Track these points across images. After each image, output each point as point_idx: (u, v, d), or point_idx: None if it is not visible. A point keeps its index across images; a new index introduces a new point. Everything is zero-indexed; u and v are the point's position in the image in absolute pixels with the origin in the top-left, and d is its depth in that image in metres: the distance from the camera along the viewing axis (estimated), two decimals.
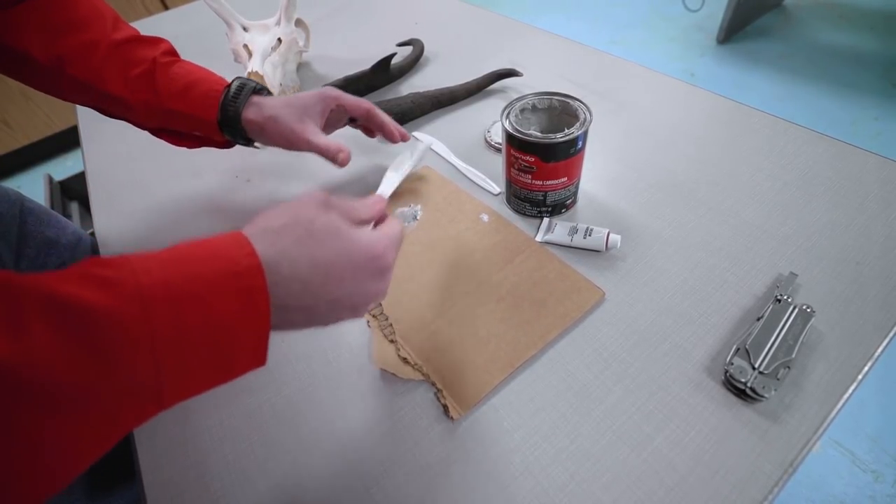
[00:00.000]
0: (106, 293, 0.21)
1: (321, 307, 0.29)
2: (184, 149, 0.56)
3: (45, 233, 0.59)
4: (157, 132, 0.54)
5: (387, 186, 0.54)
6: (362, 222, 0.32)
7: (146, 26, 1.10)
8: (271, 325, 0.27)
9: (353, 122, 0.58)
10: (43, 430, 0.21)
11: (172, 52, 0.53)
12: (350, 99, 0.54)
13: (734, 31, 2.13)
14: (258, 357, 0.27)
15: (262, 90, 0.53)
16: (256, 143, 0.54)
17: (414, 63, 0.81)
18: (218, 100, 0.50)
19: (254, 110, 0.50)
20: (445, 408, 0.39)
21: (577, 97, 0.49)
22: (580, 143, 0.46)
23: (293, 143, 0.51)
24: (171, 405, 0.24)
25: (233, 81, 0.51)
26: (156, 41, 0.52)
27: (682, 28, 2.30)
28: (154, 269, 0.23)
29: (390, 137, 0.57)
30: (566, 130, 0.46)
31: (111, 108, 0.52)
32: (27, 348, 0.20)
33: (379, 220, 0.35)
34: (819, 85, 1.87)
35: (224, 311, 0.24)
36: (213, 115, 0.50)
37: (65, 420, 0.21)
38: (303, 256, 0.27)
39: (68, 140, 2.10)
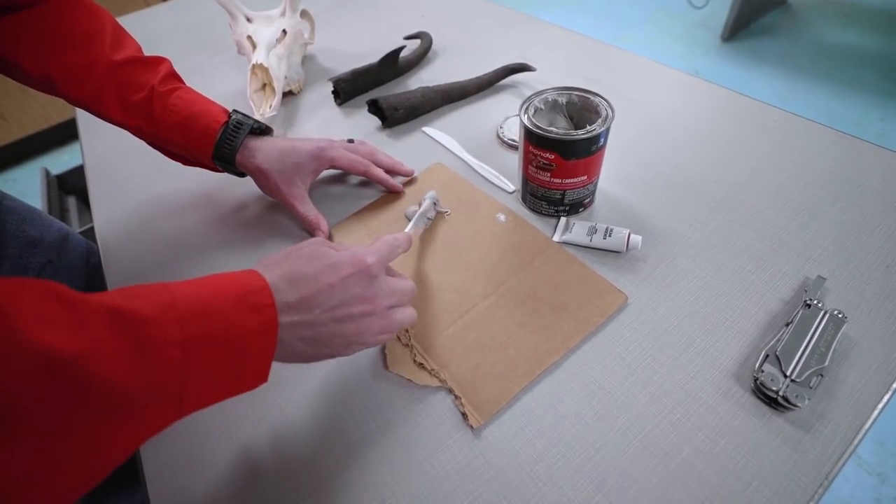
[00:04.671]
0: (147, 303, 0.25)
1: (321, 318, 0.32)
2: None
3: (28, 231, 0.56)
4: (152, 146, 0.55)
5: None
6: None
7: (145, 18, 1.08)
8: (280, 344, 0.30)
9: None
10: (100, 428, 0.23)
11: (172, 76, 0.52)
12: (345, 160, 0.55)
13: (738, 28, 2.12)
14: (262, 372, 0.30)
15: (259, 130, 0.53)
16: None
17: (422, 57, 0.79)
18: (214, 138, 0.51)
19: (247, 156, 0.52)
20: (464, 415, 0.38)
21: (598, 93, 0.48)
22: (602, 140, 0.45)
23: (279, 200, 0.54)
24: (188, 413, 0.27)
25: (231, 116, 0.52)
26: (156, 62, 0.51)
27: (686, 25, 2.29)
28: (184, 287, 0.28)
29: (393, 191, 0.57)
30: (588, 127, 0.44)
31: (106, 121, 0.52)
32: (90, 343, 0.22)
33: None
34: (823, 84, 1.86)
35: (241, 324, 0.28)
36: (209, 152, 0.51)
37: (114, 419, 0.23)
38: (297, 274, 0.32)
39: (65, 133, 2.07)
